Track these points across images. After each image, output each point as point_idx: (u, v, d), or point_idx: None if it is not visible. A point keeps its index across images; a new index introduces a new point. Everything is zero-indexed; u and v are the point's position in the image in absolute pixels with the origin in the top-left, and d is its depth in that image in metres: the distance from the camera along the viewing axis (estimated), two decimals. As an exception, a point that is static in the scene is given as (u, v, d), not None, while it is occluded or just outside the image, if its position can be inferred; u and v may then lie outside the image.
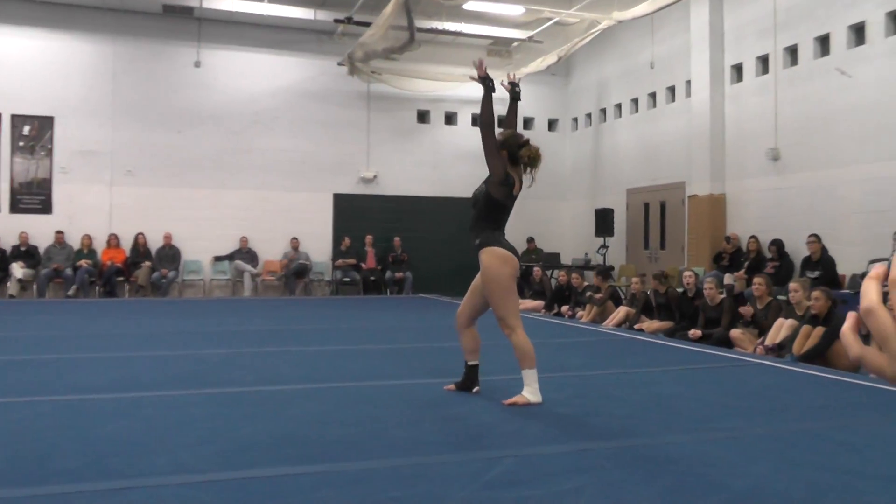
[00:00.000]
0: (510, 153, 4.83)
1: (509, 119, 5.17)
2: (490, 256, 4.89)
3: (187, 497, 2.99)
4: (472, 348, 5.15)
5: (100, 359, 6.81)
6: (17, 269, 14.26)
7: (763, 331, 8.19)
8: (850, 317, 1.02)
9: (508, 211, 5.02)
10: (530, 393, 4.77)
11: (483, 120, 4.75)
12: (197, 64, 15.89)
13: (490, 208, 4.95)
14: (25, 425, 4.18)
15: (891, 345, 0.95)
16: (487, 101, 4.78)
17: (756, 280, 8.80)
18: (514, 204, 5.03)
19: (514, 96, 5.09)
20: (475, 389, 5.10)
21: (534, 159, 4.83)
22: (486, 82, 4.81)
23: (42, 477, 3.25)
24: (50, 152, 15.14)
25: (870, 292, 0.96)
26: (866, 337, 1.02)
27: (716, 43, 13.42)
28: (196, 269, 15.82)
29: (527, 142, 4.86)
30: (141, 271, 14.85)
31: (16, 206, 14.95)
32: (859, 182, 10.87)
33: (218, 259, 15.91)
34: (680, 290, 10.24)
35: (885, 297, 0.96)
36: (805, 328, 7.33)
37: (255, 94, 16.25)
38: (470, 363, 5.14)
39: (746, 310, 8.66)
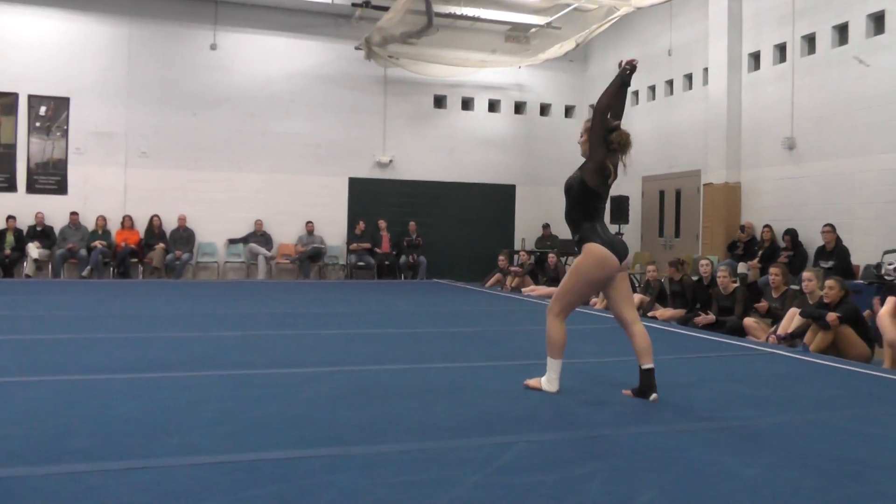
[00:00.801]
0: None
1: (618, 107, 4.80)
2: (588, 257, 4.61)
3: (199, 477, 3.02)
4: (640, 349, 4.69)
5: (114, 339, 6.86)
6: (33, 249, 14.37)
7: (777, 320, 8.16)
8: (890, 301, 1.03)
9: (603, 200, 4.82)
10: (548, 381, 4.75)
11: (601, 103, 4.59)
12: (213, 46, 15.89)
13: (584, 196, 4.72)
14: (40, 404, 4.23)
15: None
16: (616, 88, 4.64)
17: (772, 270, 8.77)
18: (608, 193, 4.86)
19: (625, 81, 4.69)
20: (652, 397, 4.59)
21: (624, 144, 4.66)
22: (627, 75, 4.65)
23: (57, 455, 3.29)
24: (65, 133, 15.20)
25: (888, 330, 0.97)
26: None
27: (734, 30, 13.30)
28: (210, 252, 15.88)
29: (617, 126, 4.69)
30: (155, 253, 14.92)
31: (32, 187, 15.04)
32: (875, 172, 10.79)
33: (232, 242, 15.97)
34: (695, 277, 10.21)
35: None
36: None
37: (272, 77, 16.24)
38: (644, 367, 4.67)
39: (762, 306, 8.63)
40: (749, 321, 8.46)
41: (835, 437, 3.91)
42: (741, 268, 11.56)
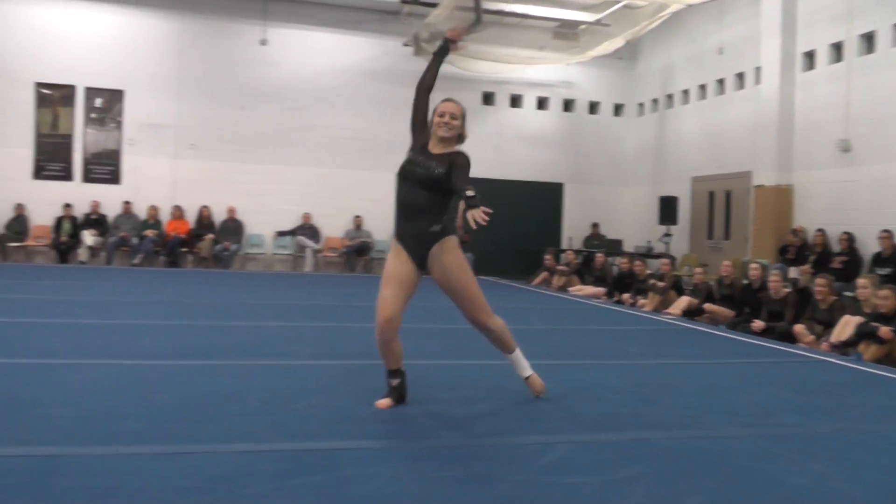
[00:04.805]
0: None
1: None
2: (458, 250, 4.27)
3: (244, 464, 3.06)
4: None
5: (162, 326, 6.98)
6: (88, 237, 14.74)
7: (828, 327, 7.99)
8: None
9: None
10: (526, 371, 4.51)
11: (423, 82, 4.65)
12: (263, 42, 16.06)
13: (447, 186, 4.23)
14: (91, 386, 4.32)
15: None
16: (436, 63, 4.62)
17: (818, 282, 8.50)
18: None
19: (443, 50, 4.65)
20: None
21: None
22: (444, 45, 4.60)
23: (106, 437, 3.36)
24: (119, 124, 15.52)
25: None
26: None
27: (787, 29, 13.02)
28: (258, 243, 16.08)
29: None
30: (204, 243, 15.16)
31: (87, 176, 15.40)
32: (935, 177, 10.50)
33: (280, 234, 16.14)
34: (745, 281, 10.05)
35: None
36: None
37: (320, 72, 16.37)
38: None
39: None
40: (799, 327, 8.29)
41: (888, 448, 3.81)
42: (792, 272, 11.34)
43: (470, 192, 3.91)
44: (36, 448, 3.14)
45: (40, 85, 15.13)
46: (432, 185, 4.14)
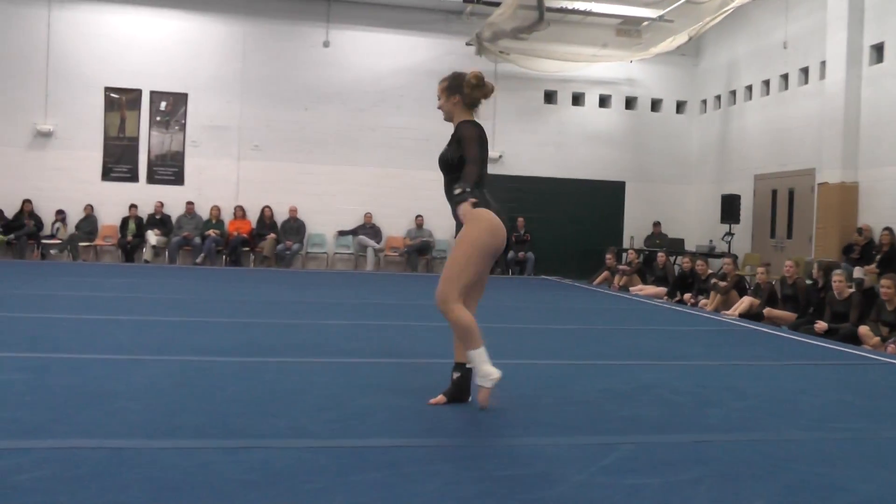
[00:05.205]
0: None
1: None
2: (477, 224, 3.97)
3: (306, 460, 3.10)
4: None
5: (224, 324, 7.12)
6: (152, 237, 15.13)
7: (895, 329, 7.76)
8: None
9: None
10: (484, 378, 3.97)
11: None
12: (325, 44, 16.27)
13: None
14: (156, 381, 4.44)
15: None
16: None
17: (884, 283, 8.24)
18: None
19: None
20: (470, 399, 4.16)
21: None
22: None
23: (170, 430, 3.45)
24: (183, 127, 15.88)
25: None
26: None
27: (855, 21, 12.67)
28: (320, 243, 16.30)
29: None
30: (266, 242, 15.42)
31: (152, 177, 15.81)
32: None
33: (342, 233, 16.33)
34: (808, 281, 9.82)
35: None
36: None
37: (382, 73, 16.52)
38: (469, 365, 4.14)
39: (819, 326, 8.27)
40: (864, 329, 8.07)
41: (960, 453, 3.69)
42: (857, 272, 11.03)
43: (458, 190, 3.91)
44: (104, 441, 3.23)
45: (109, 89, 15.59)
46: (446, 167, 4.18)
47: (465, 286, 3.95)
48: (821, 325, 8.51)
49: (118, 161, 15.68)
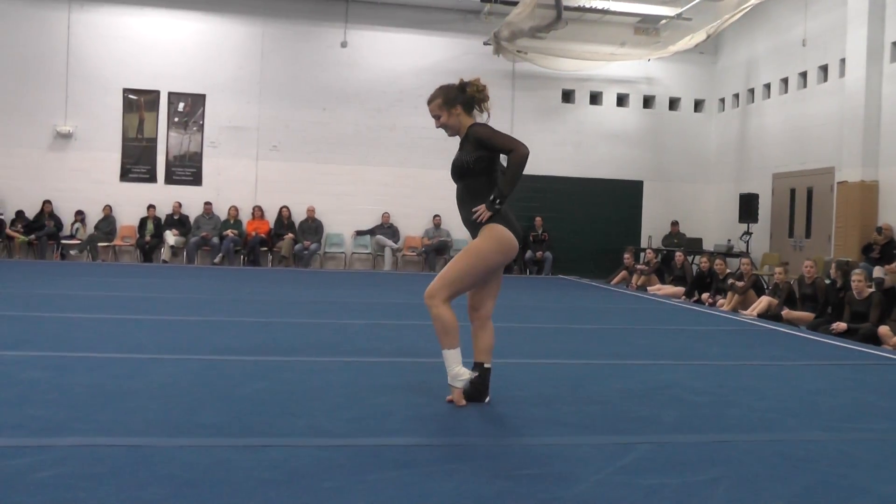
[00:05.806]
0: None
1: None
2: (490, 240, 4.15)
3: (324, 458, 3.11)
4: (488, 346, 4.24)
5: (243, 323, 7.16)
6: (170, 237, 15.23)
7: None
8: None
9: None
10: (455, 378, 4.05)
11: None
12: (343, 44, 16.32)
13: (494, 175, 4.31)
14: (175, 380, 4.47)
15: None
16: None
17: None
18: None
19: None
20: (487, 400, 4.18)
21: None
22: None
23: (189, 429, 3.48)
24: (201, 128, 15.98)
25: None
26: None
27: (875, 17, 12.55)
28: (338, 242, 16.35)
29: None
30: (284, 242, 15.48)
31: (170, 178, 15.92)
32: None
33: (360, 233, 16.37)
34: (827, 281, 9.74)
35: None
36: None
37: (400, 73, 16.54)
38: (486, 365, 4.21)
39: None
40: (884, 329, 7.99)
41: (982, 454, 3.65)
42: (877, 272, 10.94)
43: (493, 195, 4.08)
44: (124, 438, 3.26)
45: (127, 91, 15.71)
46: (460, 173, 4.21)
47: (458, 293, 4.07)
48: (840, 325, 8.44)
49: (137, 162, 15.80)
